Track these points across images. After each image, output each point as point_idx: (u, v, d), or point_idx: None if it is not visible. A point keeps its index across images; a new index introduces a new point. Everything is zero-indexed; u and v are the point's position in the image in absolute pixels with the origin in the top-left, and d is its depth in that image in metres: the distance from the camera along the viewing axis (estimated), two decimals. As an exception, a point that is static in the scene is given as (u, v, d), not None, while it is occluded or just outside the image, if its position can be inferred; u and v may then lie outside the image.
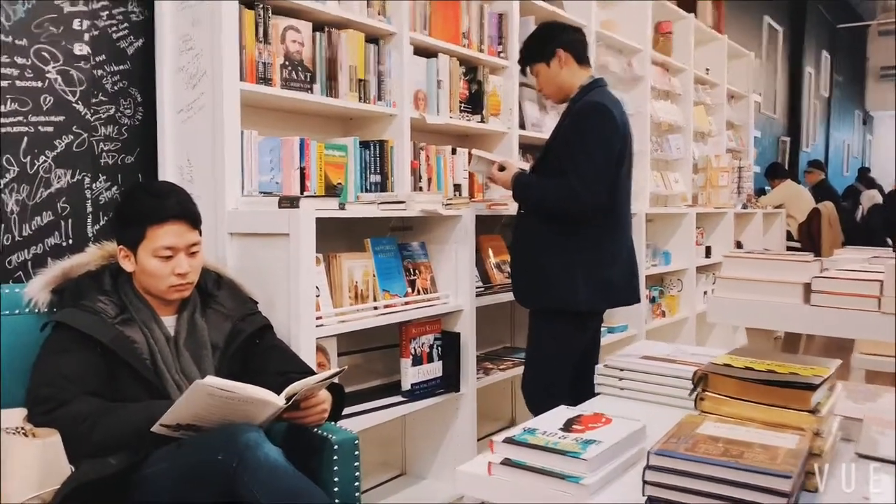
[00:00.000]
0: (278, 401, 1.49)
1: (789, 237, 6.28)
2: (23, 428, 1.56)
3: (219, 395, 1.42)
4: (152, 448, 1.52)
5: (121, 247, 1.74)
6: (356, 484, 1.65)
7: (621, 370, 1.48)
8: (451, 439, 2.71)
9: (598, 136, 2.33)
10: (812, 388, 1.08)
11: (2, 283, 1.88)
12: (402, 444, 2.86)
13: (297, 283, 2.00)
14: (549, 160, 2.47)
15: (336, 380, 1.71)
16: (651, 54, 4.49)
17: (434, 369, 2.57)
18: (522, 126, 3.48)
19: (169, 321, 1.76)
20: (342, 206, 2.18)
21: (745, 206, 5.49)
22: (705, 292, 4.82)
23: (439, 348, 2.59)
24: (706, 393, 1.14)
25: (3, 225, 1.91)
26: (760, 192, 6.82)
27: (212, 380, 1.41)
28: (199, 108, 2.20)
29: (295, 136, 2.38)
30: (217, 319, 1.81)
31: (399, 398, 2.47)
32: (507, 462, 1.06)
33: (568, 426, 1.13)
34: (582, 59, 2.53)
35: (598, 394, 1.51)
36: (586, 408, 1.27)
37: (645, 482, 0.95)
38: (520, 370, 2.96)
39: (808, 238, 6.20)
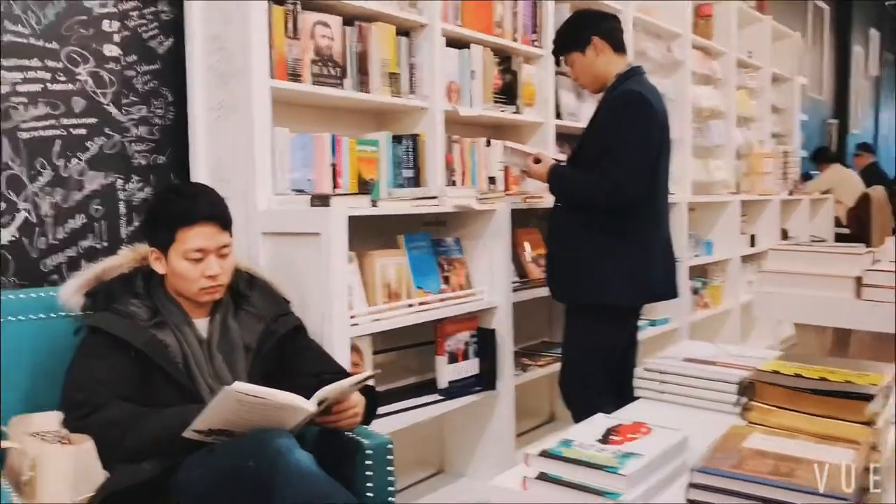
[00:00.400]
0: (309, 406, 1.47)
1: (838, 223, 6.09)
2: (58, 433, 1.56)
3: (248, 401, 1.40)
4: (185, 453, 1.51)
5: (152, 249, 1.73)
6: (390, 489, 1.62)
7: (662, 373, 1.42)
8: (489, 437, 2.67)
9: (635, 126, 2.26)
10: (868, 398, 1.02)
11: (37, 286, 1.89)
12: (440, 442, 2.83)
13: (329, 282, 1.98)
14: (586, 151, 2.41)
15: (370, 382, 1.69)
16: (691, 38, 4.36)
17: (470, 367, 2.53)
18: (559, 115, 3.40)
19: (201, 324, 1.75)
20: (374, 204, 2.15)
21: (790, 193, 5.33)
22: (750, 282, 4.69)
23: (475, 345, 2.55)
24: (753, 402, 1.08)
25: (37, 228, 1.92)
26: (807, 177, 6.61)
27: (241, 385, 1.39)
28: (230, 106, 2.19)
29: (326, 133, 2.35)
30: (249, 321, 1.80)
31: (435, 397, 2.44)
32: (542, 477, 1.01)
33: (606, 437, 1.08)
34: (618, 47, 2.46)
35: (638, 397, 1.45)
36: (625, 416, 1.21)
37: (689, 501, 0.90)
38: (558, 366, 2.91)
39: (857, 224, 6.00)
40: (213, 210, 1.73)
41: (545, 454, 1.04)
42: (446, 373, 2.46)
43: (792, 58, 6.08)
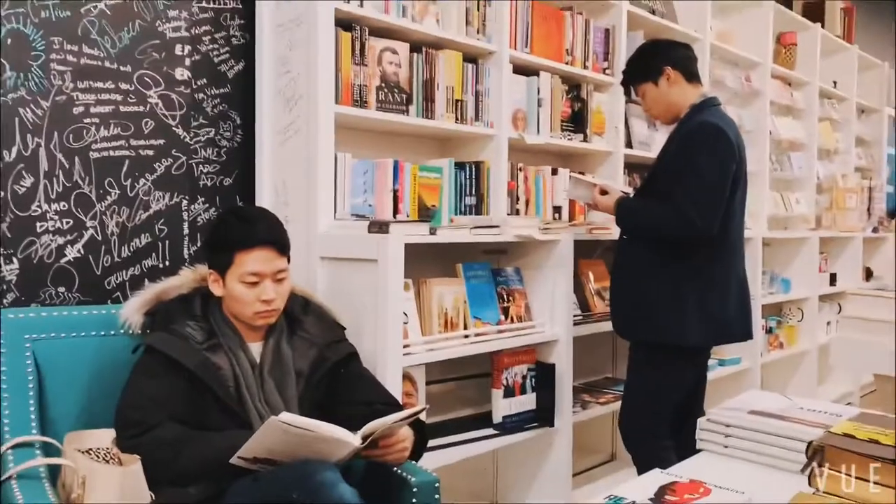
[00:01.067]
0: (354, 440, 1.44)
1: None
2: (110, 450, 1.57)
3: (293, 432, 1.38)
4: (231, 479, 1.50)
5: (211, 271, 1.74)
6: (436, 528, 1.57)
7: (727, 426, 1.33)
8: (546, 474, 2.59)
9: (710, 157, 2.16)
10: (956, 471, 0.92)
11: (100, 303, 1.93)
12: (494, 475, 2.76)
13: (384, 309, 1.95)
14: (656, 184, 2.32)
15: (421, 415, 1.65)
16: (771, 67, 4.22)
17: (527, 401, 2.46)
18: (629, 144, 3.33)
19: (255, 347, 1.75)
20: (433, 232, 2.12)
21: (875, 230, 5.07)
22: (828, 323, 4.46)
23: (533, 379, 2.48)
24: (822, 468, 0.99)
25: (103, 247, 1.96)
26: (895, 214, 6.29)
27: (287, 416, 1.37)
28: (296, 130, 2.21)
29: (389, 159, 2.35)
30: (303, 346, 1.78)
31: (489, 431, 2.38)
32: (589, 537, 0.95)
33: (660, 497, 1.00)
34: (691, 77, 2.37)
35: (699, 450, 1.36)
36: (684, 471, 1.14)
37: (747, 576, 0.82)
38: (619, 404, 2.81)
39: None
40: (271, 234, 1.73)
41: (593, 513, 0.97)
42: (502, 407, 2.39)
43: (880, 88, 5.82)
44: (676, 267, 2.24)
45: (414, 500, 1.54)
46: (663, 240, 2.24)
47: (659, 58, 2.36)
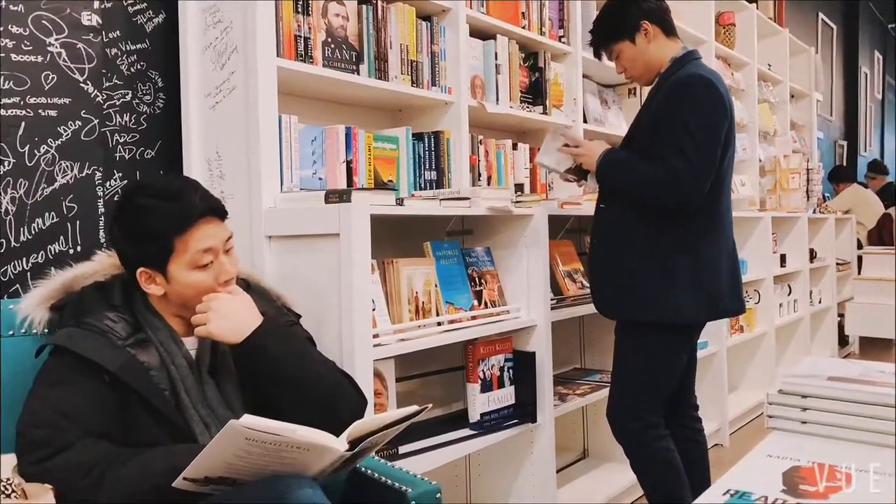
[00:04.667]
0: (339, 445, 1.12)
1: (858, 245, 5.82)
2: (10, 482, 1.21)
3: (260, 439, 1.06)
4: (175, 508, 1.16)
5: (141, 270, 1.38)
6: (438, 550, 1.27)
7: (803, 397, 1.08)
8: (526, 477, 2.31)
9: (701, 112, 1.94)
10: None
11: (-7, 298, 1.54)
12: (467, 482, 2.46)
13: (349, 293, 1.64)
14: (634, 147, 2.09)
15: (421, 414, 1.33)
16: (714, 46, 4.10)
17: (505, 396, 2.19)
18: (584, 120, 3.11)
19: (190, 342, 1.41)
20: (399, 202, 1.82)
21: (814, 211, 5.05)
22: (780, 304, 4.38)
23: (511, 371, 2.21)
24: None
25: (-5, 228, 1.58)
26: (825, 197, 6.36)
27: (251, 420, 1.04)
28: (230, 89, 1.87)
29: (340, 125, 2.03)
30: None
31: (467, 431, 2.09)
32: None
33: (793, 489, 0.74)
34: (669, 30, 2.15)
35: (770, 429, 1.11)
36: (787, 452, 0.88)
37: None
38: (597, 395, 2.58)
39: (880, 245, 5.73)
40: (208, 202, 1.39)
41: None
42: (479, 403, 2.11)
43: (808, 73, 5.85)
44: (663, 237, 2.01)
45: (412, 517, 1.24)
46: (647, 204, 2.00)
47: (633, 12, 2.11)
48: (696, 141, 1.92)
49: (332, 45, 2.04)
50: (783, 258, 4.44)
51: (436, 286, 2.01)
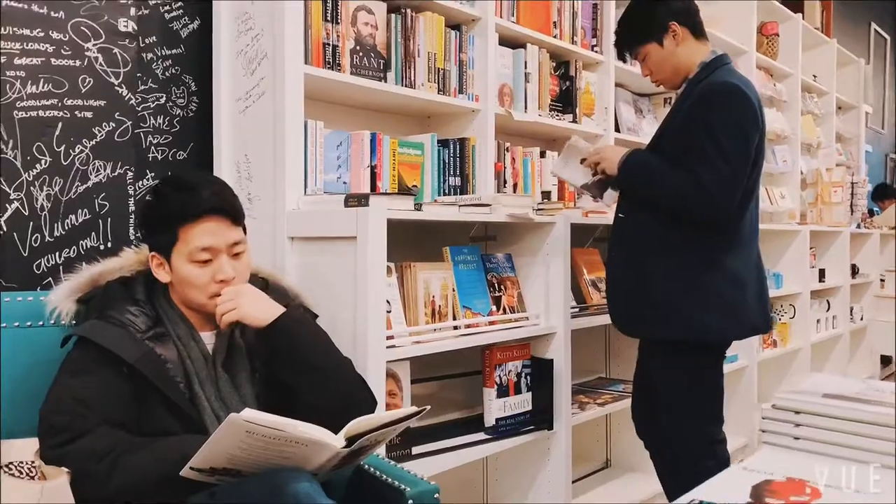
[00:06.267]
0: (336, 441, 1.16)
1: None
2: (32, 464, 1.28)
3: (260, 433, 1.10)
4: (184, 497, 1.21)
5: (153, 254, 1.45)
6: (436, 549, 1.30)
7: (796, 413, 1.08)
8: (542, 484, 2.32)
9: (732, 123, 1.87)
10: None
11: (28, 290, 1.62)
12: (484, 486, 2.49)
13: (364, 294, 1.68)
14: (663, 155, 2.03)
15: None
16: (755, 57, 4.06)
17: (522, 402, 2.20)
18: (617, 129, 3.11)
19: (208, 338, 1.46)
20: (418, 207, 1.86)
21: (859, 226, 4.94)
22: (818, 321, 4.29)
23: (528, 377, 2.22)
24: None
25: (31, 223, 1.66)
26: (871, 213, 6.20)
27: (250, 414, 1.09)
28: (259, 94, 1.93)
29: (366, 131, 2.08)
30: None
31: (481, 436, 2.11)
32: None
33: (759, 498, 0.75)
34: (699, 32, 2.08)
35: (763, 443, 1.12)
36: (764, 467, 0.89)
37: None
38: (619, 405, 2.57)
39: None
40: (218, 200, 1.43)
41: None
42: (495, 408, 2.13)
43: (858, 85, 5.73)
44: (687, 249, 1.95)
45: (410, 516, 1.27)
46: (672, 215, 1.93)
47: (662, 13, 2.04)
48: (726, 154, 1.86)
49: (361, 53, 2.09)
50: (822, 273, 4.36)
51: (453, 290, 2.04)
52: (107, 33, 1.78)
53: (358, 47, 2.09)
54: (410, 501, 1.27)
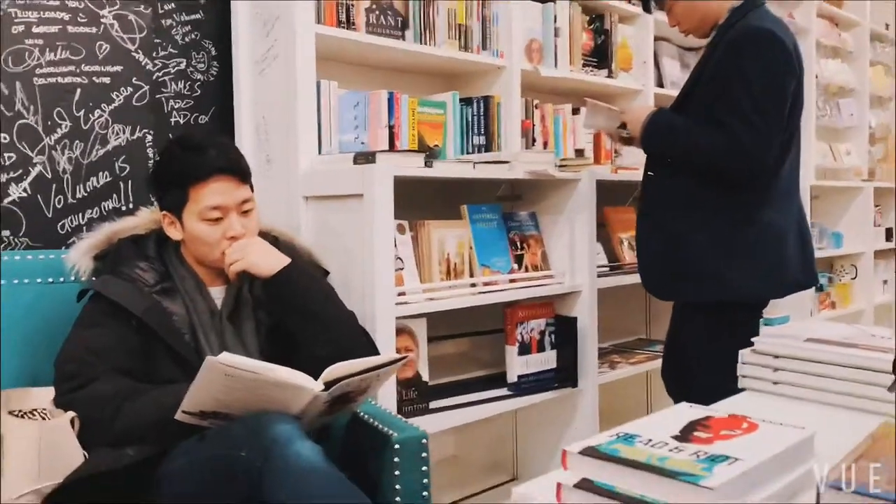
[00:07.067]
0: (314, 386, 1.19)
1: None
2: (43, 410, 1.36)
3: (239, 376, 1.14)
4: (178, 439, 1.27)
5: (164, 213, 1.51)
6: (424, 493, 1.31)
7: (776, 357, 1.05)
8: (569, 441, 2.30)
9: (766, 71, 1.77)
10: None
11: (53, 249, 1.71)
12: (514, 444, 2.50)
13: (371, 250, 1.70)
14: (690, 109, 1.92)
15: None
16: (818, 5, 3.85)
17: (546, 359, 2.19)
18: (660, 84, 3.02)
19: (216, 292, 1.52)
20: (429, 164, 1.85)
21: (933, 183, 4.66)
22: (885, 281, 4.10)
23: (552, 335, 2.21)
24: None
25: (54, 185, 1.74)
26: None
27: (227, 357, 1.13)
28: (274, 56, 1.96)
29: (383, 90, 2.09)
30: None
31: (503, 391, 2.11)
32: (585, 485, 0.68)
33: (688, 433, 0.74)
34: None
35: (742, 389, 1.08)
36: (719, 407, 0.86)
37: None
38: (654, 364, 2.53)
39: None
40: (226, 160, 1.48)
41: (591, 452, 0.71)
42: (517, 365, 2.13)
43: (936, 32, 5.36)
44: (721, 208, 1.85)
45: (397, 460, 1.29)
46: (704, 171, 1.84)
47: None
48: (761, 105, 1.76)
49: (377, 12, 2.09)
50: (889, 232, 4.14)
51: (471, 248, 2.04)
52: (121, 1, 1.83)
53: (374, 6, 2.08)
54: (397, 446, 1.29)
